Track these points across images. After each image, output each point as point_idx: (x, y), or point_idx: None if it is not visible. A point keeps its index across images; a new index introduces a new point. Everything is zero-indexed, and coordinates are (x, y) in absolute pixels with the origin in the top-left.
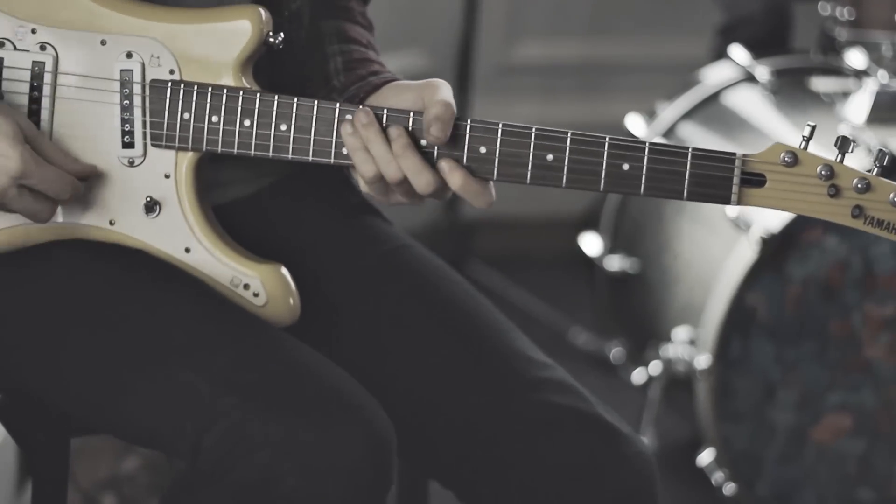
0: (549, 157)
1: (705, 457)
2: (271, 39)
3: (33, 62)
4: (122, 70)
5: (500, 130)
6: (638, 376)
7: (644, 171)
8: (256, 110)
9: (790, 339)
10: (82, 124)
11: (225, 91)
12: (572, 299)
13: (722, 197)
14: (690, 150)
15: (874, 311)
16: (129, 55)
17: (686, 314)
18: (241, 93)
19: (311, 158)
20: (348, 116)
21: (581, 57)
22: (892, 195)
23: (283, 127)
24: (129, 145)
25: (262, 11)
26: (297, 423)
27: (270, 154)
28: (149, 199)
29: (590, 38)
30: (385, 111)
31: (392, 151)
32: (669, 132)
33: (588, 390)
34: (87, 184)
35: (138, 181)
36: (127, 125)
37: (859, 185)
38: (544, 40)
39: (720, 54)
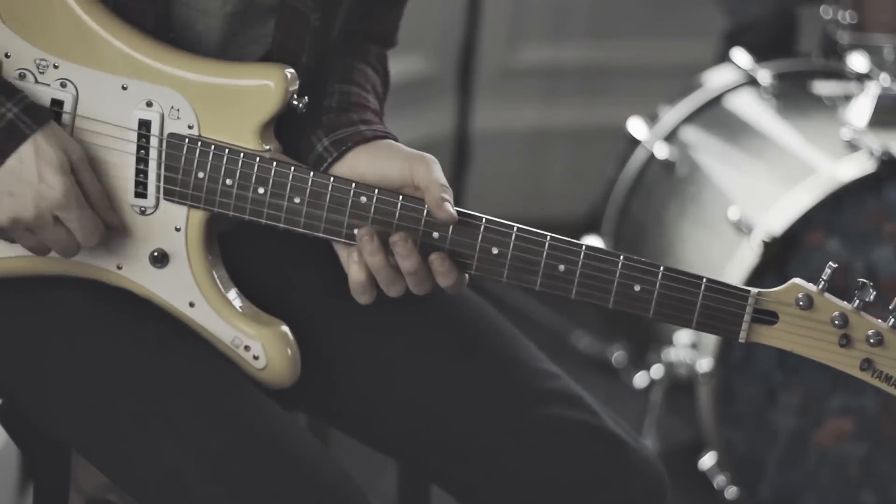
0: (561, 267)
1: (707, 460)
2: (295, 102)
3: (52, 100)
4: (140, 119)
5: (514, 234)
6: (640, 380)
7: (655, 296)
8: (271, 180)
9: None
10: (96, 167)
11: (241, 156)
12: (574, 303)
13: (731, 332)
14: (705, 280)
15: (876, 314)
16: (149, 104)
17: None
18: (257, 160)
19: (321, 235)
20: (363, 198)
21: (583, 60)
22: None
23: (297, 200)
24: (141, 195)
25: (289, 73)
26: None
27: (281, 224)
28: (157, 251)
29: (591, 41)
30: (394, 223)
31: (399, 270)
32: (671, 136)
33: (591, 394)
34: None
35: (148, 231)
36: (141, 176)
37: (872, 340)
38: (546, 44)
39: (725, 59)
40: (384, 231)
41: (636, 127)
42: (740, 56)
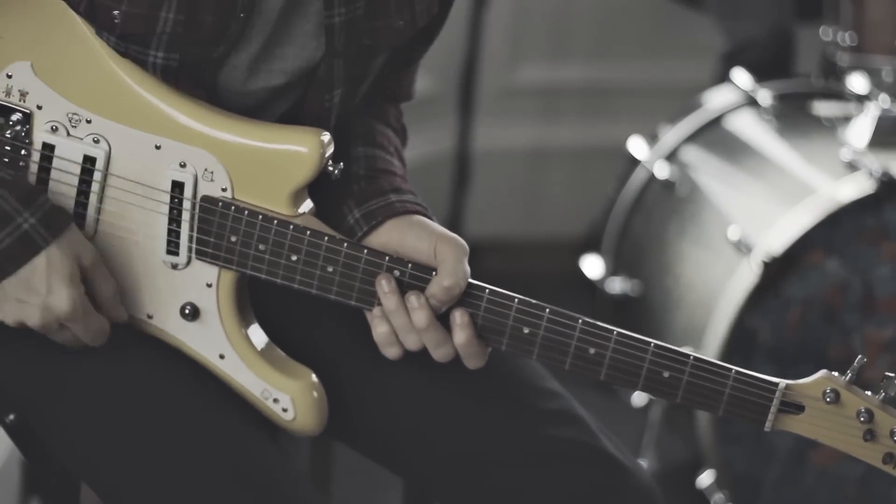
0: (592, 350)
1: (705, 478)
2: (330, 168)
3: (85, 156)
4: (173, 181)
5: (546, 317)
6: (639, 398)
7: (683, 384)
8: (304, 249)
9: (790, 361)
10: (128, 224)
11: (275, 223)
12: None
13: (757, 421)
14: (734, 372)
15: (874, 333)
16: (182, 165)
17: (687, 336)
18: (290, 227)
19: (353, 303)
20: (396, 272)
21: (583, 80)
22: None
23: (330, 269)
24: (173, 252)
25: (324, 138)
26: None
27: (314, 291)
28: (189, 305)
29: (592, 61)
30: (408, 272)
31: (412, 321)
32: (672, 155)
33: (590, 413)
34: (128, 275)
35: (179, 285)
36: (173, 235)
37: None
38: (547, 63)
39: (723, 79)
40: None
41: (636, 146)
42: (741, 76)
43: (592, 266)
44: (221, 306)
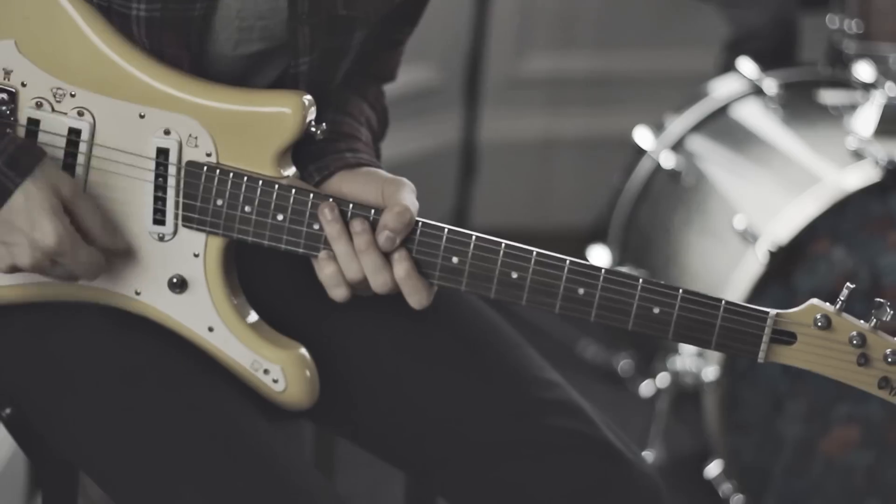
0: (581, 290)
1: (713, 469)
2: (313, 129)
3: (70, 129)
4: (158, 148)
5: (533, 259)
6: (646, 389)
7: (674, 318)
8: (290, 207)
9: None
10: (114, 194)
11: (260, 183)
12: None
13: (750, 352)
14: (724, 302)
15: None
16: (166, 132)
17: None
18: (276, 187)
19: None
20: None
21: (589, 70)
22: None
23: (317, 227)
24: (160, 222)
25: (307, 100)
26: None
27: (301, 250)
28: (176, 277)
29: (598, 51)
30: (350, 206)
31: (354, 248)
32: (678, 145)
33: (596, 404)
34: (118, 253)
35: (167, 257)
36: (159, 203)
37: (890, 358)
38: (553, 53)
39: (727, 68)
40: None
41: (642, 136)
42: (746, 65)
43: (599, 256)
44: (209, 276)
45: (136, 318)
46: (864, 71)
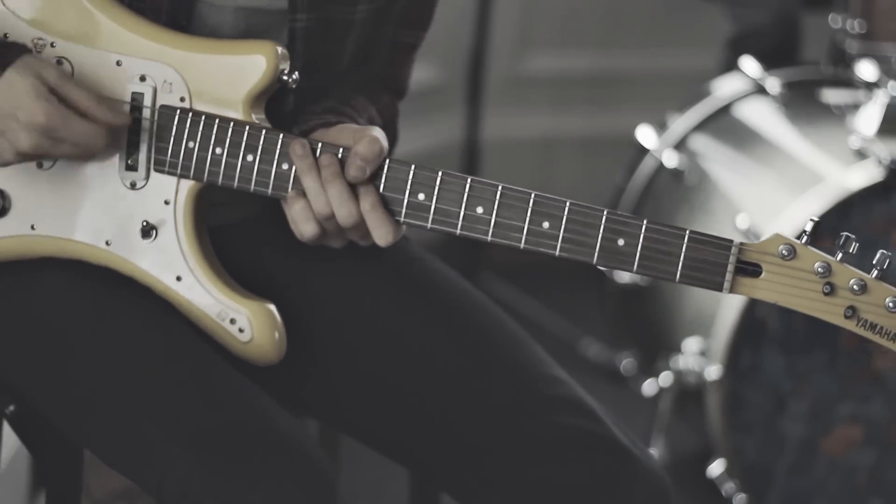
0: (545, 224)
1: (716, 468)
2: (285, 77)
3: None
4: (133, 92)
5: (499, 193)
6: (648, 387)
7: (638, 250)
8: (260, 147)
9: (800, 350)
10: None
11: (231, 124)
12: (583, 311)
13: (715, 283)
14: (688, 232)
15: None
16: (142, 78)
17: (697, 325)
18: (246, 127)
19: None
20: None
21: (592, 69)
22: (888, 299)
23: (285, 166)
24: (132, 168)
25: (279, 49)
26: (239, 476)
27: (269, 191)
28: (146, 223)
29: (601, 49)
30: (320, 144)
31: (321, 180)
32: (680, 144)
33: (599, 402)
34: (86, 202)
35: (138, 204)
36: (132, 148)
37: (855, 287)
38: (555, 52)
39: (729, 66)
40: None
41: (645, 135)
42: (749, 64)
43: None
44: (178, 224)
45: (101, 271)
46: (866, 70)
